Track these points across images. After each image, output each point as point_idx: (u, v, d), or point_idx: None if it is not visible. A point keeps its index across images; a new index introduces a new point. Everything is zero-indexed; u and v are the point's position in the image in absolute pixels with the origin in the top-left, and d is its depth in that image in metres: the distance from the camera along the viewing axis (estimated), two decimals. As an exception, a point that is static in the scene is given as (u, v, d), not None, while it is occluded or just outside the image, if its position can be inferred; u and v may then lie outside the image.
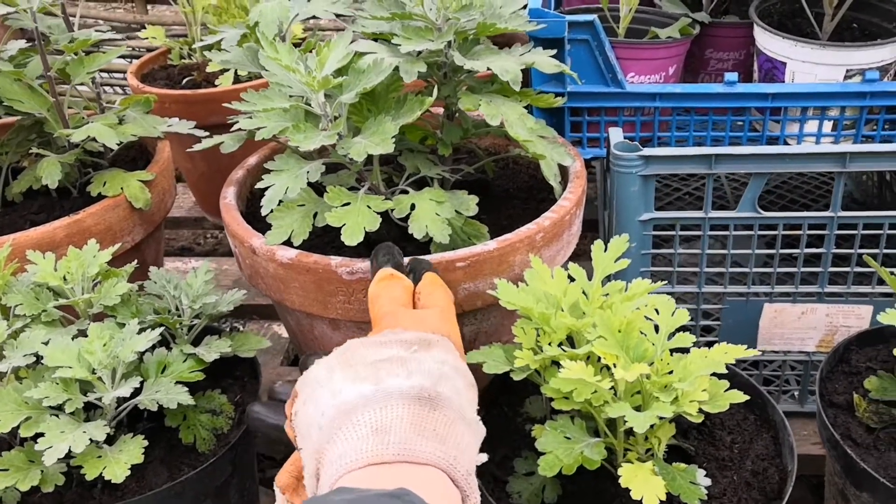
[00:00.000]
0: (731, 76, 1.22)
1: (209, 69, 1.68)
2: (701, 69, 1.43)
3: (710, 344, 1.25)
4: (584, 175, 1.15)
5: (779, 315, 1.22)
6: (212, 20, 1.78)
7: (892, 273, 1.01)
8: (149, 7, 2.46)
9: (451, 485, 0.63)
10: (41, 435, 0.85)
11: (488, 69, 1.02)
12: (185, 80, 1.76)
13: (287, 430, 0.73)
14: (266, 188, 0.99)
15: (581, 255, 1.56)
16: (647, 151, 1.10)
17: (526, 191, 1.26)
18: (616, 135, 1.15)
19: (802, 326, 1.22)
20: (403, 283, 0.88)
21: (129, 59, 2.55)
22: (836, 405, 1.00)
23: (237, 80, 1.68)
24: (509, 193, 1.27)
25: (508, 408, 1.03)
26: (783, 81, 1.26)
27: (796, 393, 1.30)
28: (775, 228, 1.14)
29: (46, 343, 0.92)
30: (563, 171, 1.17)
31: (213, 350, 0.99)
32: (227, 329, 1.12)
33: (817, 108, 1.24)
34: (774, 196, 1.67)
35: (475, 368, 0.89)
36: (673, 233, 1.16)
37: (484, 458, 0.70)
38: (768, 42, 1.25)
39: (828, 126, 1.27)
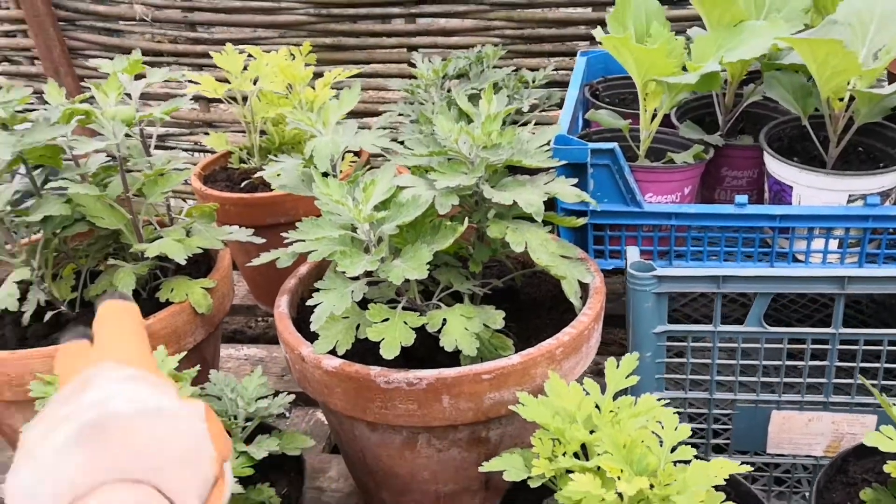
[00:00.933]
0: (742, 198, 1.33)
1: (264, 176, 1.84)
2: (717, 185, 1.54)
3: (720, 447, 1.34)
4: (603, 291, 1.26)
5: (787, 422, 1.30)
6: (270, 129, 1.95)
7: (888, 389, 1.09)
8: (210, 106, 2.66)
9: None
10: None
11: (514, 201, 1.14)
12: (244, 183, 1.93)
13: None
14: (315, 305, 1.12)
15: (611, 344, 1.69)
16: (660, 271, 1.21)
17: (551, 300, 1.38)
18: (633, 254, 1.26)
19: (810, 433, 1.30)
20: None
21: (190, 153, 2.75)
22: (834, 517, 1.08)
23: (291, 184, 1.83)
24: (536, 302, 1.38)
25: (528, 508, 1.12)
26: (791, 203, 1.36)
27: (807, 493, 1.37)
28: (780, 342, 1.23)
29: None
30: (584, 286, 1.28)
31: (262, 448, 1.11)
32: (277, 421, 1.24)
33: (823, 228, 1.34)
34: (785, 300, 1.76)
35: (497, 475, 1.00)
36: (684, 344, 1.26)
37: None
38: (776, 167, 1.36)
39: (833, 244, 1.36)
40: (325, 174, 1.21)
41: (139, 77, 1.43)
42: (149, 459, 0.55)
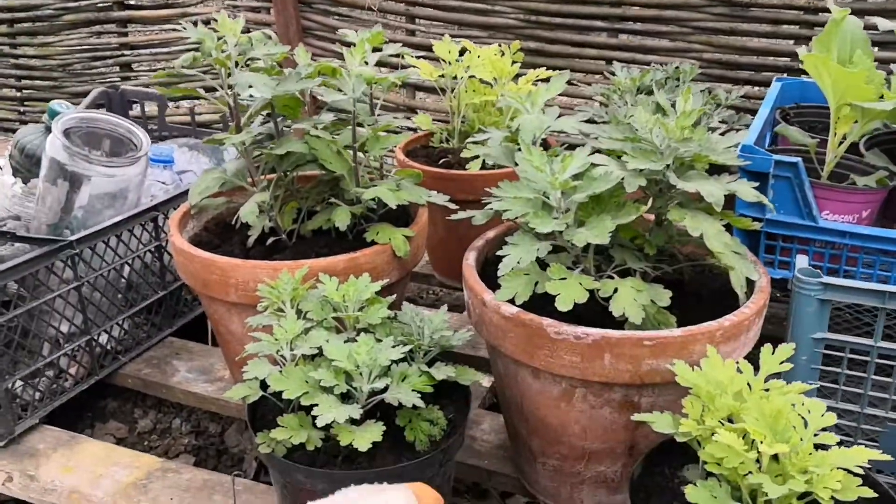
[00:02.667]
0: (920, 227, 1.37)
1: (462, 155, 2.03)
2: (899, 216, 1.57)
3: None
4: (768, 290, 1.34)
5: (936, 448, 1.32)
6: (471, 115, 2.14)
7: None
8: (417, 93, 2.90)
9: None
10: (314, 406, 1.16)
11: (697, 191, 1.25)
12: (441, 161, 2.13)
13: None
14: (504, 255, 1.27)
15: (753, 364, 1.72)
16: (826, 279, 1.28)
17: (715, 296, 1.46)
18: (802, 261, 1.34)
19: (959, 463, 1.31)
20: None
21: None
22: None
23: (483, 167, 2.01)
24: (700, 296, 1.47)
25: (668, 469, 1.22)
26: (972, 239, 1.38)
27: (948, 528, 1.38)
28: (941, 367, 1.27)
29: (327, 341, 1.24)
30: (750, 284, 1.36)
31: (441, 372, 1.28)
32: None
33: None
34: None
35: (646, 428, 1.11)
36: (843, 354, 1.32)
37: None
38: (962, 202, 1.39)
39: None
40: (528, 147, 1.36)
41: (375, 50, 1.65)
42: None
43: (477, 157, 1.99)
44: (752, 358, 1.39)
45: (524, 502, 1.78)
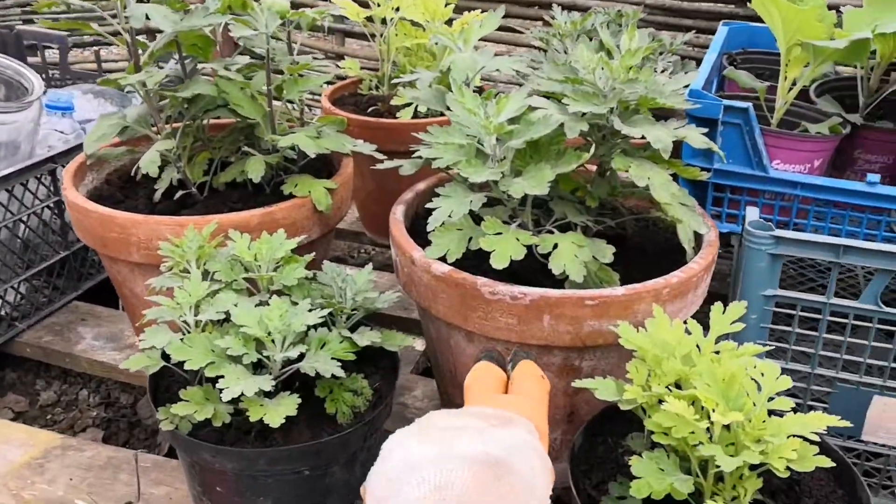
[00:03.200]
0: (874, 177, 1.29)
1: (393, 102, 1.89)
2: (848, 167, 1.50)
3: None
4: (716, 244, 1.25)
5: (888, 409, 1.26)
6: (402, 60, 1.99)
7: None
8: (346, 40, 2.73)
9: None
10: (220, 377, 1.04)
11: (643, 137, 1.15)
12: (370, 109, 1.98)
13: (361, 492, 0.76)
14: (434, 208, 1.15)
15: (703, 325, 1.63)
16: (779, 232, 1.19)
17: (660, 251, 1.37)
18: (753, 213, 1.25)
19: (910, 424, 1.26)
20: (497, 373, 0.97)
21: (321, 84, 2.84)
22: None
23: (415, 115, 1.87)
24: (644, 251, 1.38)
25: (612, 439, 1.13)
26: (927, 189, 1.31)
27: (896, 490, 1.33)
28: (895, 324, 1.20)
29: (235, 305, 1.11)
30: (698, 238, 1.27)
31: (365, 338, 1.16)
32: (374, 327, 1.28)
33: (957, 220, 1.29)
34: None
35: (587, 394, 1.01)
36: (793, 312, 1.24)
37: None
38: (917, 151, 1.32)
39: (966, 239, 1.31)
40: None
41: (293, -17, 1.50)
42: None
43: (409, 104, 1.85)
44: (699, 317, 1.31)
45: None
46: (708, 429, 0.94)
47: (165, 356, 1.13)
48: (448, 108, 1.22)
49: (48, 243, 1.78)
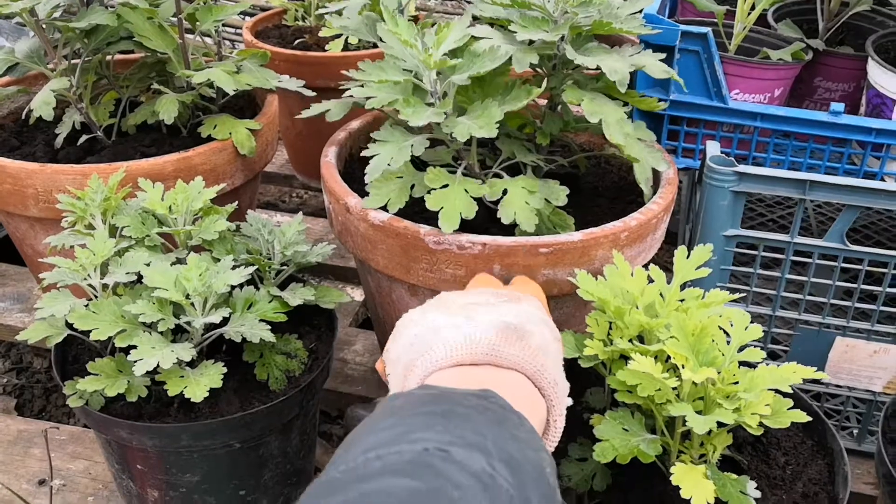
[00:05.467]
0: (837, 106, 1.22)
1: (321, 34, 1.73)
2: (807, 96, 1.42)
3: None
4: (675, 182, 1.17)
5: (850, 350, 1.21)
6: (330, -13, 1.84)
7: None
8: (269, -32, 2.53)
9: (537, 392, 0.67)
10: (133, 348, 0.92)
11: (598, 67, 1.04)
12: (296, 42, 1.83)
13: (377, 366, 0.77)
14: (371, 156, 1.03)
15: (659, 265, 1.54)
16: (742, 168, 1.11)
17: (615, 190, 1.28)
18: (713, 148, 1.16)
19: (873, 365, 1.21)
20: (495, 280, 0.95)
21: (242, 16, 2.64)
22: (899, 444, 1.00)
23: (346, 48, 1.73)
24: (598, 191, 1.29)
25: (570, 395, 1.05)
26: (890, 119, 1.25)
27: (855, 431, 1.29)
28: (860, 263, 1.14)
29: (148, 265, 0.98)
30: (656, 176, 1.18)
31: (297, 296, 1.04)
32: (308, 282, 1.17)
33: (922, 150, 1.23)
34: (861, 236, 1.65)
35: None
36: (755, 252, 1.17)
37: (570, 401, 0.74)
38: (880, 77, 1.24)
39: (930, 169, 1.25)
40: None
41: None
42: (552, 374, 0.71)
43: (338, 35, 1.70)
44: (656, 261, 1.23)
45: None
46: (678, 388, 0.86)
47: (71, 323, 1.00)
48: (381, 40, 1.09)
49: (-59, 196, 1.61)
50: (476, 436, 0.52)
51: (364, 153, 1.04)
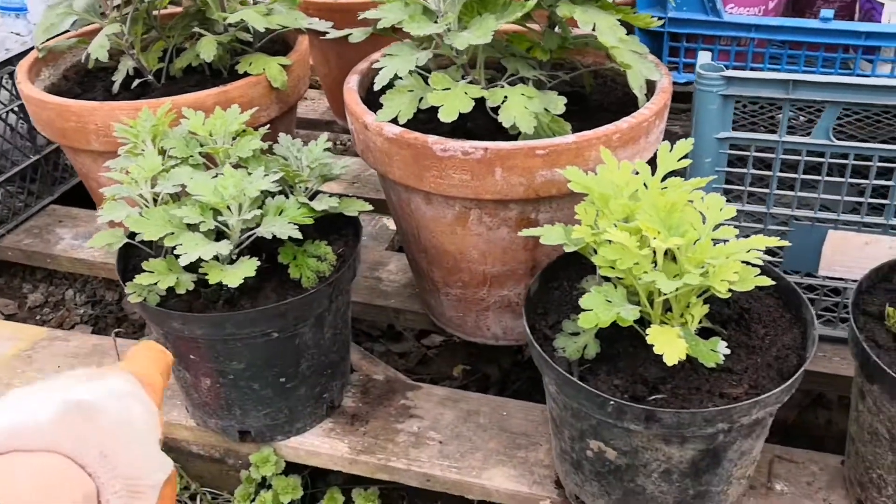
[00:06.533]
0: (827, 13, 1.28)
1: (352, -18, 1.85)
2: (807, 9, 1.48)
3: (773, 266, 1.34)
4: (669, 90, 1.25)
5: (843, 243, 1.28)
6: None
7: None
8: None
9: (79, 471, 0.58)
10: (179, 245, 1.06)
11: (588, -18, 1.13)
12: (328, -9, 1.95)
13: None
14: (381, 68, 1.15)
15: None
16: (729, 73, 1.19)
17: (618, 105, 1.37)
18: (704, 57, 1.24)
19: (864, 256, 1.28)
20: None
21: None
22: (869, 314, 1.08)
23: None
24: (602, 107, 1.38)
25: (567, 283, 1.16)
26: (880, 23, 1.30)
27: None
28: (846, 158, 1.21)
29: (191, 178, 1.12)
30: (651, 86, 1.27)
31: (323, 203, 1.17)
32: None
33: (911, 51, 1.29)
34: (846, 136, 1.69)
35: (547, 249, 1.03)
36: (748, 153, 1.25)
37: (164, 476, 0.62)
38: (871, -17, 1.30)
39: (921, 71, 1.31)
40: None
41: None
42: (100, 447, 0.58)
43: (366, -17, 1.82)
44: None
45: (439, 341, 1.73)
46: (654, 260, 0.96)
47: (132, 235, 1.15)
48: (390, -32, 1.20)
49: (18, 148, 1.79)
50: None
51: (375, 65, 1.16)
